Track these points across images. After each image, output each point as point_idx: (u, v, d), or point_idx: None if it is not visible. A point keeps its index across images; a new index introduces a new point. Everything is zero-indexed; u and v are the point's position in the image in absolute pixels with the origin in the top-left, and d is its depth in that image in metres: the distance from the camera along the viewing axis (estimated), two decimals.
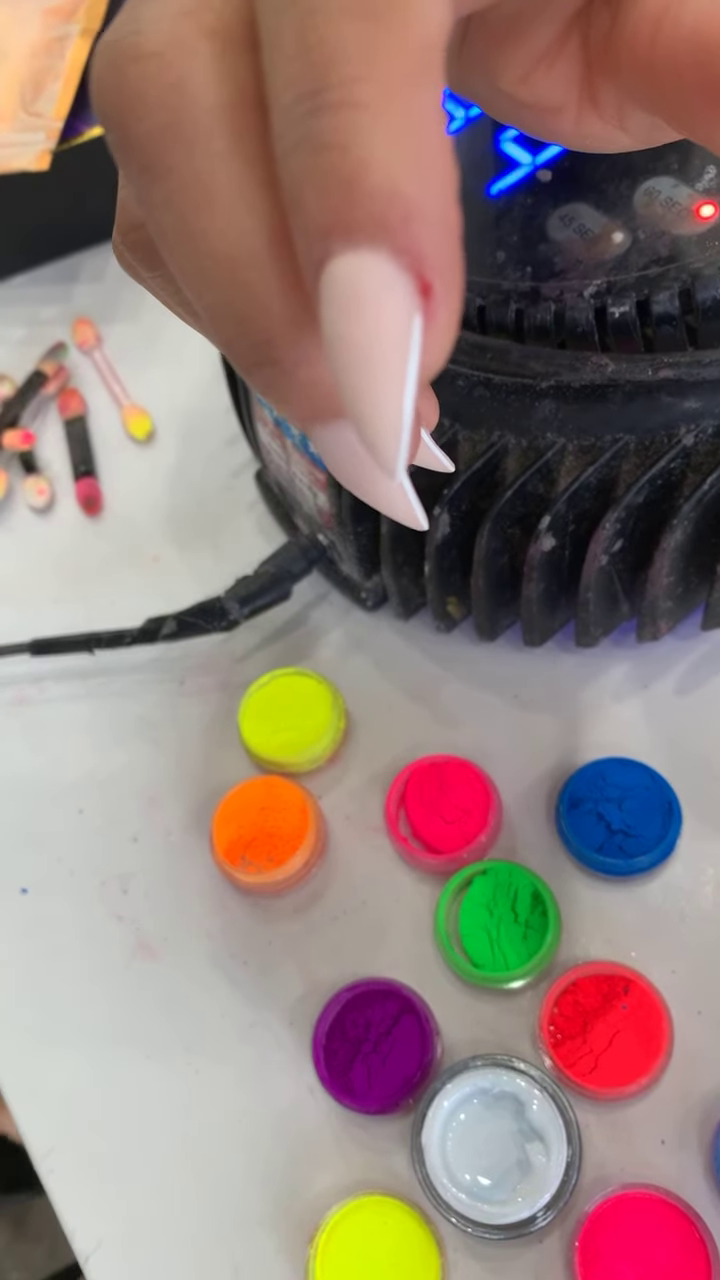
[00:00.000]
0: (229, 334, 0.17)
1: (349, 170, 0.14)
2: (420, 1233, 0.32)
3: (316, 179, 0.14)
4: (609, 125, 0.21)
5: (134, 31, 0.16)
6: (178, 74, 0.16)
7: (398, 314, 0.15)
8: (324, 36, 0.14)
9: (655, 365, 0.31)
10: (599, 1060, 0.33)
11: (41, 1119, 0.36)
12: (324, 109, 0.14)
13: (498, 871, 0.36)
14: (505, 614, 0.40)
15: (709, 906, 0.36)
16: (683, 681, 0.40)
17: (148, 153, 0.16)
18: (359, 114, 0.14)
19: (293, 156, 0.14)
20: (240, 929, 0.38)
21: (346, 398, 0.16)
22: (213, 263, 0.16)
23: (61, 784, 0.42)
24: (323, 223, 0.14)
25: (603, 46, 0.20)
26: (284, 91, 0.14)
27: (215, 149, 0.16)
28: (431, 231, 0.14)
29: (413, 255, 0.14)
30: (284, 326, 0.16)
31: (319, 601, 0.45)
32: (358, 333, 0.15)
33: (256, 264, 0.16)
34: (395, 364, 0.15)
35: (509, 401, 0.33)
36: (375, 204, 0.14)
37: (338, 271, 0.14)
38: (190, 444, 0.51)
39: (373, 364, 0.15)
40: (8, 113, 0.54)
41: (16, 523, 0.50)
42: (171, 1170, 0.35)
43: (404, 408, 0.15)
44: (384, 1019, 0.35)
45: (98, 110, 0.16)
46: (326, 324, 0.15)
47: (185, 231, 0.16)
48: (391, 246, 0.14)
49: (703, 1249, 0.30)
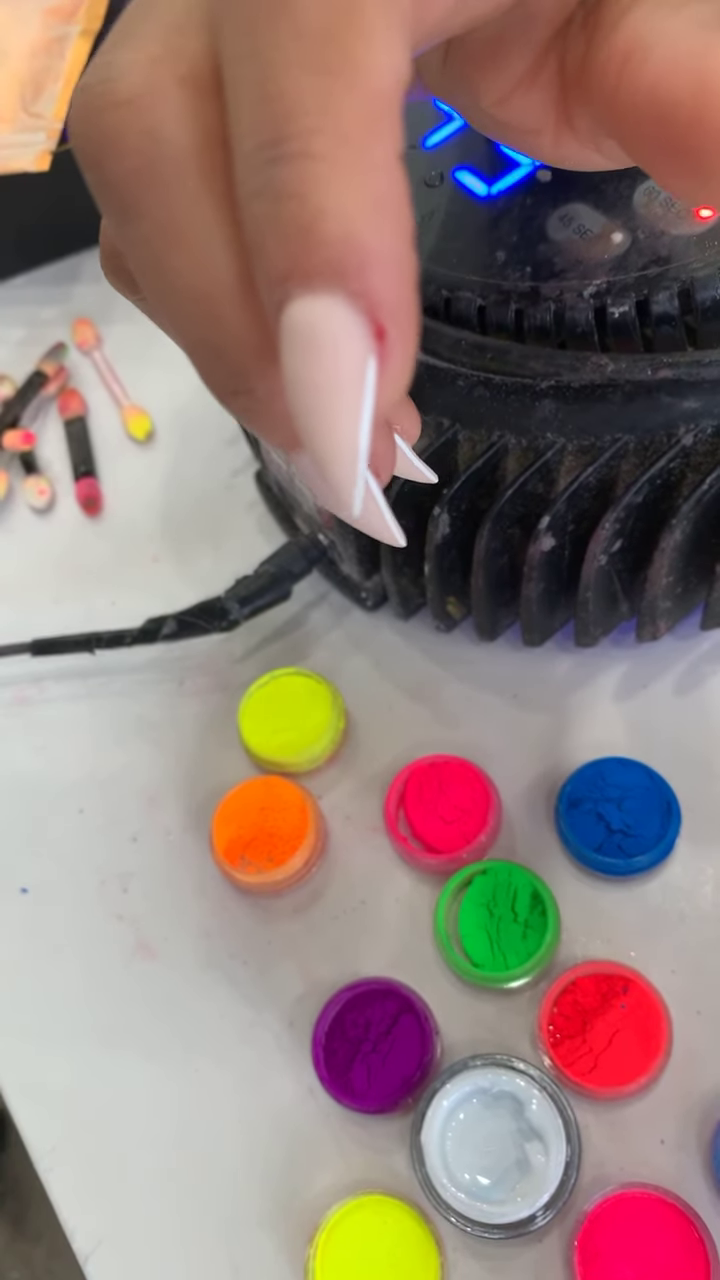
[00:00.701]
0: (205, 364, 0.18)
1: (307, 218, 0.14)
2: (420, 1232, 0.32)
3: (276, 226, 0.15)
4: (585, 147, 0.22)
5: (108, 79, 0.16)
6: (151, 121, 0.16)
7: (352, 357, 0.15)
8: (283, 89, 0.15)
9: (654, 365, 0.31)
10: (598, 1060, 0.33)
11: (41, 1119, 0.36)
12: (283, 159, 0.15)
13: (497, 871, 0.36)
14: (505, 614, 0.40)
15: (708, 906, 0.36)
16: (682, 681, 0.40)
17: (123, 194, 0.17)
18: (316, 164, 0.14)
19: (254, 203, 0.15)
20: (240, 929, 0.38)
21: (304, 436, 0.16)
22: (186, 299, 0.17)
23: (61, 784, 0.42)
24: (282, 267, 0.15)
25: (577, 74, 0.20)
26: (245, 139, 0.15)
27: (187, 191, 0.16)
28: (386, 277, 0.15)
29: (367, 300, 0.15)
30: (256, 360, 0.17)
31: (319, 601, 0.45)
32: (314, 374, 0.15)
33: (228, 300, 0.17)
34: (350, 405, 0.16)
35: (509, 401, 0.33)
36: (331, 251, 0.14)
37: (296, 315, 0.15)
38: (190, 444, 0.51)
39: (328, 405, 0.16)
40: (8, 113, 0.54)
41: (17, 523, 0.50)
42: (171, 1170, 0.35)
43: (358, 447, 0.16)
44: (383, 1019, 0.35)
45: (76, 152, 0.17)
46: (286, 365, 0.16)
47: (159, 269, 0.17)
48: (346, 291, 0.15)
49: (702, 1248, 0.30)
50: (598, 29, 0.19)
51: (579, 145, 0.22)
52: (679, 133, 0.17)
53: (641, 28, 0.18)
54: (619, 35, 0.18)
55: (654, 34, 0.18)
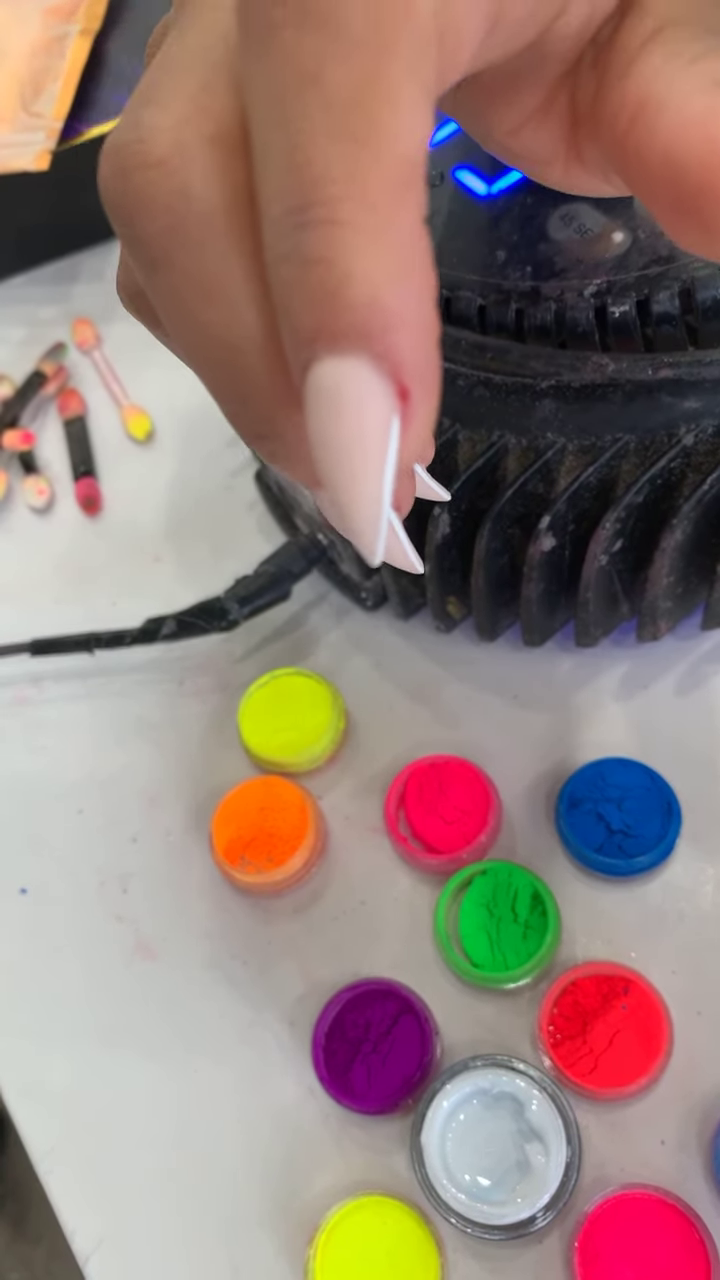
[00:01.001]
0: (233, 409, 0.18)
1: (333, 283, 0.15)
2: (420, 1233, 0.32)
3: (303, 289, 0.15)
4: (594, 178, 0.22)
5: (138, 140, 0.17)
6: (181, 181, 0.17)
7: (376, 417, 0.16)
8: (310, 157, 0.15)
9: (655, 365, 0.31)
10: (599, 1060, 0.33)
11: (41, 1119, 0.36)
12: (310, 225, 0.15)
13: (497, 871, 0.36)
14: (505, 614, 0.40)
15: (709, 906, 0.36)
16: (682, 681, 0.40)
17: (154, 250, 0.17)
18: (342, 231, 0.15)
19: (282, 266, 0.15)
20: (240, 929, 0.38)
21: (328, 490, 0.17)
22: (214, 349, 0.17)
23: (61, 784, 0.42)
24: (309, 329, 0.15)
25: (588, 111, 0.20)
26: (273, 204, 0.15)
27: (216, 249, 0.17)
28: (410, 340, 0.15)
29: (392, 362, 0.15)
30: (282, 409, 0.17)
31: (319, 601, 0.45)
32: (339, 433, 0.16)
33: (254, 352, 0.17)
34: (373, 463, 0.16)
35: (509, 401, 0.33)
36: (357, 315, 0.15)
37: (321, 375, 0.15)
38: (190, 444, 0.51)
39: (352, 463, 0.16)
40: (7, 113, 0.54)
41: (16, 523, 0.50)
42: (171, 1171, 0.35)
43: (382, 501, 0.16)
44: (383, 1019, 0.35)
45: (108, 210, 0.18)
46: (311, 423, 0.16)
47: (188, 321, 0.17)
48: (371, 354, 0.15)
49: (702, 1249, 0.30)
50: (608, 71, 0.19)
51: (588, 175, 0.22)
52: (689, 194, 0.17)
53: (653, 82, 0.18)
54: (630, 84, 0.18)
55: (666, 91, 0.17)
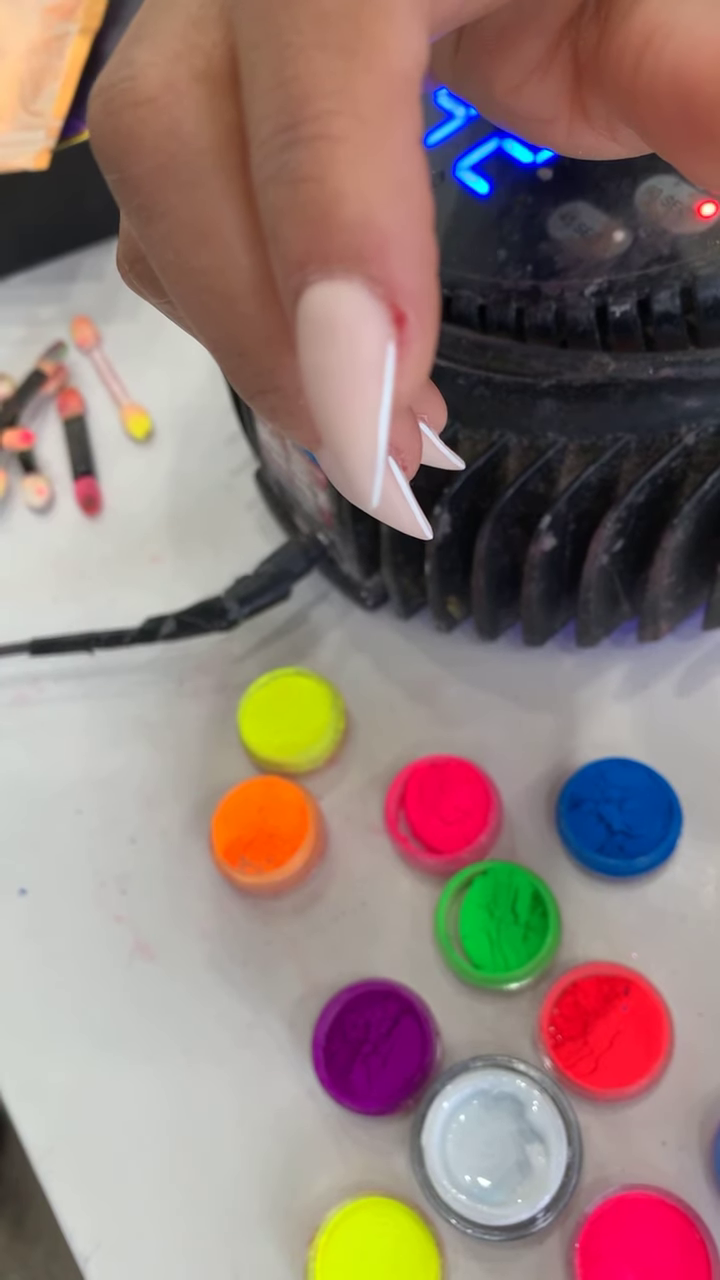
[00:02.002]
0: (231, 363, 0.18)
1: (324, 201, 0.14)
2: (420, 1234, 0.32)
3: (293, 210, 0.14)
4: (600, 136, 0.22)
5: (128, 77, 0.16)
6: (171, 119, 0.16)
7: (371, 344, 0.15)
8: (299, 71, 0.14)
9: (656, 364, 0.31)
10: (599, 1061, 0.33)
11: (41, 1119, 0.36)
12: (300, 142, 0.14)
13: (498, 872, 0.36)
14: (506, 614, 0.40)
15: (710, 907, 0.36)
16: (683, 682, 0.40)
17: (144, 193, 0.16)
18: (334, 146, 0.14)
19: (270, 188, 0.15)
20: (239, 930, 0.38)
21: (322, 427, 0.16)
22: (211, 297, 0.17)
23: (60, 784, 0.42)
24: (299, 253, 0.15)
25: (591, 61, 0.20)
26: (261, 125, 0.15)
27: (208, 190, 0.16)
28: (406, 262, 0.15)
29: (387, 285, 0.15)
30: (281, 358, 0.17)
31: (319, 601, 0.45)
32: (332, 362, 0.15)
33: (253, 297, 0.16)
34: (369, 393, 0.15)
35: (510, 400, 0.33)
36: (350, 235, 0.14)
37: (313, 301, 0.15)
38: (190, 443, 0.51)
39: (345, 393, 0.15)
40: (7, 111, 0.54)
41: (16, 523, 0.50)
42: (171, 1171, 0.35)
43: (378, 436, 0.16)
44: (384, 1020, 0.35)
45: (96, 152, 0.17)
46: (302, 353, 0.15)
47: (183, 269, 0.17)
48: (365, 276, 0.14)
49: (703, 1250, 0.30)
50: (611, 14, 0.19)
51: (594, 133, 0.21)
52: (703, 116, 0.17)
53: (659, 13, 0.18)
54: (635, 21, 0.18)
55: (673, 18, 0.17)
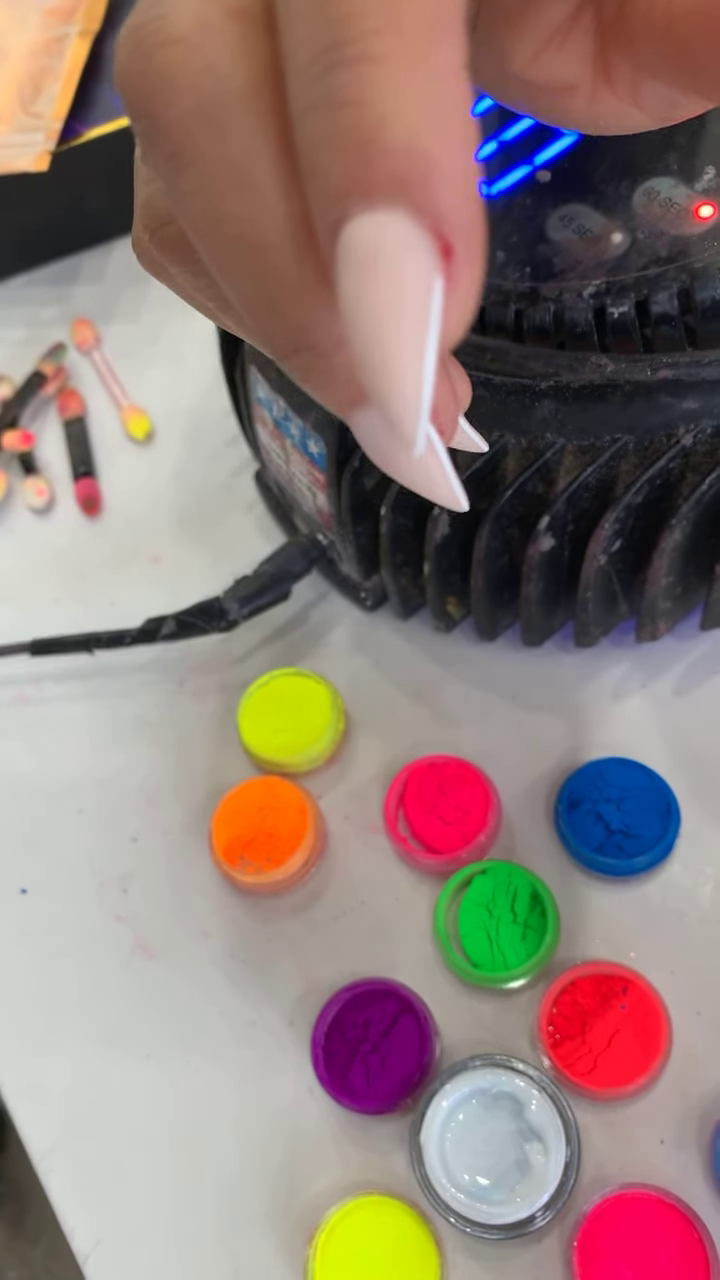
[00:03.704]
0: (264, 321, 0.17)
1: (367, 127, 0.13)
2: (419, 1233, 0.32)
3: (333, 138, 0.14)
4: (623, 102, 0.21)
5: (159, 16, 0.15)
6: (206, 57, 0.15)
7: (418, 277, 0.14)
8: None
9: (654, 365, 0.31)
10: (598, 1060, 0.33)
11: (41, 1117, 0.36)
12: (341, 64, 0.13)
13: (497, 871, 0.36)
14: (504, 614, 0.40)
15: (708, 906, 0.36)
16: (682, 681, 0.40)
17: (176, 138, 0.16)
18: (377, 68, 0.13)
19: (309, 117, 0.14)
20: (239, 929, 0.38)
21: (364, 370, 0.15)
22: (246, 248, 0.16)
23: (61, 784, 0.42)
24: (339, 183, 0.14)
25: (616, 17, 0.19)
26: (300, 51, 0.14)
27: (245, 130, 0.15)
28: (453, 190, 0.14)
29: (433, 215, 0.14)
30: (320, 310, 0.16)
31: (319, 601, 0.45)
32: (375, 298, 0.14)
33: (289, 246, 0.16)
34: (415, 330, 0.14)
35: (508, 402, 0.33)
36: (393, 161, 0.13)
37: (354, 233, 0.14)
38: (189, 444, 0.51)
39: (391, 331, 0.14)
40: (7, 113, 0.54)
41: (16, 523, 0.50)
42: (171, 1170, 0.35)
43: (424, 378, 0.15)
44: (383, 1019, 0.35)
45: (123, 96, 0.16)
46: (343, 291, 0.14)
47: (216, 217, 0.16)
48: (410, 205, 0.14)
49: (701, 1249, 0.30)
50: None
51: (617, 100, 0.21)
52: None
53: None
54: None
55: None
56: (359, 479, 0.37)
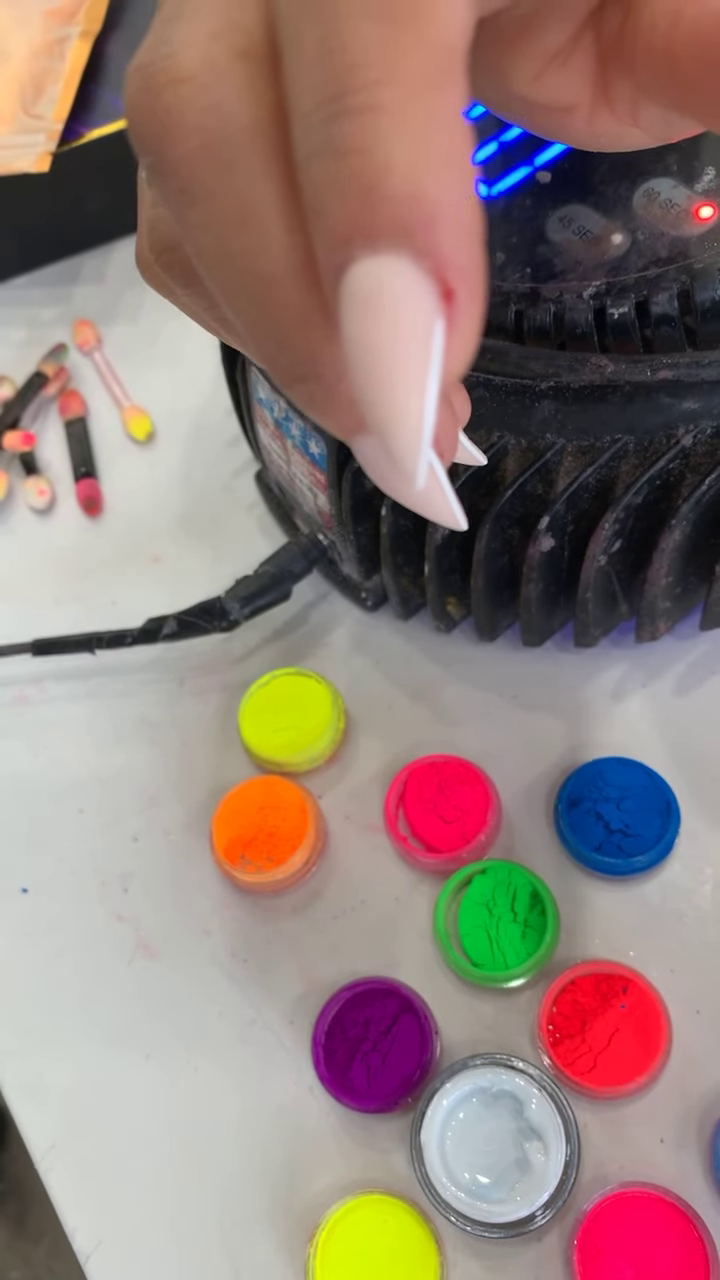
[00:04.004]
0: (269, 351, 0.17)
1: (370, 174, 0.14)
2: (419, 1231, 0.32)
3: (337, 184, 0.14)
4: (622, 122, 0.21)
5: (168, 55, 0.16)
6: (213, 97, 0.16)
7: (419, 319, 0.15)
8: (344, 41, 0.14)
9: (654, 366, 0.31)
10: (598, 1059, 0.33)
11: (43, 1117, 0.36)
12: (344, 114, 0.14)
13: (497, 871, 0.36)
14: (505, 614, 0.40)
15: (708, 906, 0.36)
16: (681, 681, 0.40)
17: (184, 175, 0.16)
18: (380, 117, 0.14)
19: (314, 162, 0.14)
20: (240, 928, 0.38)
21: (366, 406, 0.15)
22: (253, 281, 0.16)
23: (61, 784, 0.42)
24: (343, 227, 0.14)
25: (616, 41, 0.19)
26: (304, 98, 0.14)
27: (252, 169, 0.16)
28: (454, 235, 0.14)
29: (435, 259, 0.14)
30: (324, 342, 0.16)
31: (319, 601, 0.45)
32: (378, 338, 0.15)
33: (294, 280, 0.16)
34: (416, 371, 0.15)
35: (508, 402, 0.33)
36: (397, 208, 0.14)
37: (359, 276, 0.14)
38: (190, 445, 0.51)
39: (393, 371, 0.15)
40: (8, 114, 0.54)
41: (17, 523, 0.50)
42: (171, 1169, 0.35)
43: (425, 416, 0.15)
44: (383, 1018, 0.35)
45: (133, 134, 0.16)
46: (346, 330, 0.15)
47: (224, 252, 0.16)
48: (413, 250, 0.14)
49: (701, 1248, 0.30)
50: None
51: (615, 120, 0.21)
52: None
53: None
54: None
55: None
56: (360, 479, 0.37)
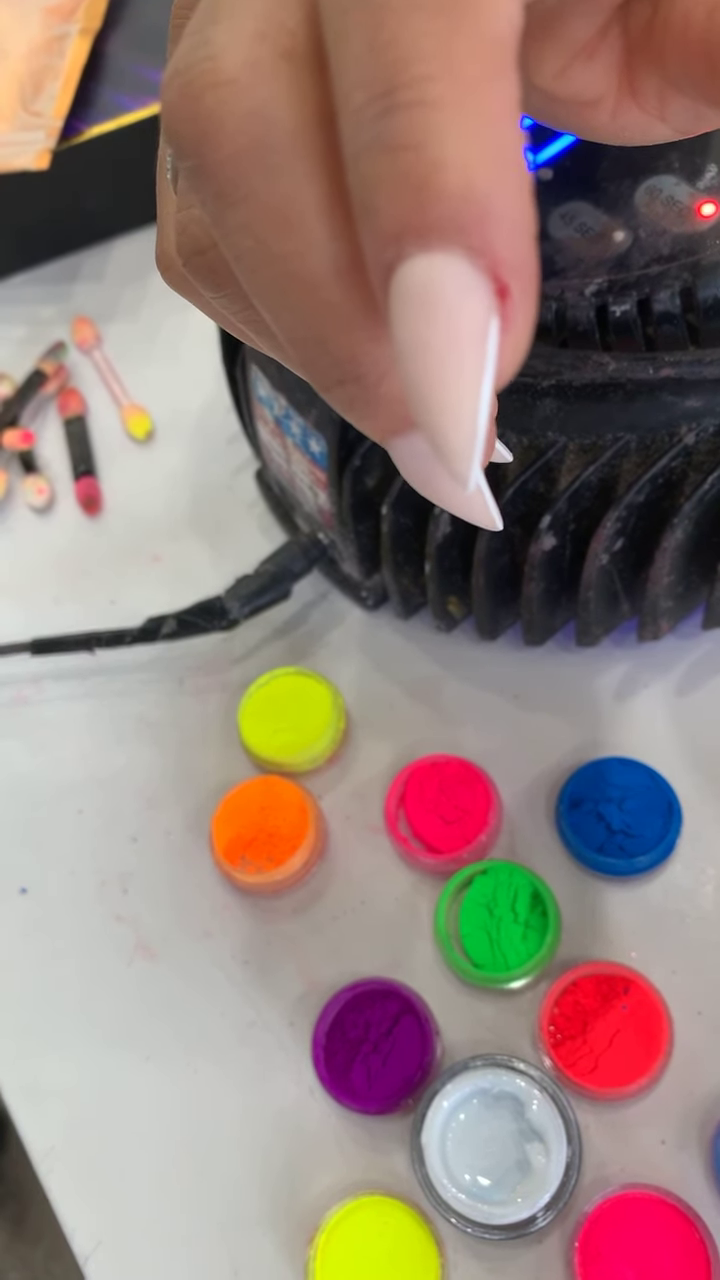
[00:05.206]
0: (310, 354, 0.17)
1: (423, 170, 0.14)
2: (420, 1233, 0.32)
3: (389, 180, 0.14)
4: (648, 115, 0.21)
5: (208, 57, 0.16)
6: (257, 100, 0.15)
7: (474, 318, 0.14)
8: (395, 35, 0.14)
9: (656, 364, 0.31)
10: (599, 1060, 0.33)
11: (41, 1119, 0.36)
12: (396, 109, 0.14)
13: (498, 871, 0.36)
14: (506, 613, 0.40)
15: (709, 906, 0.36)
16: (683, 681, 0.40)
17: (225, 178, 0.16)
18: (433, 113, 0.14)
19: (363, 159, 0.14)
20: (240, 929, 0.38)
21: (418, 409, 0.15)
22: (295, 284, 0.16)
23: (61, 784, 0.42)
24: (395, 225, 0.14)
25: (644, 34, 0.19)
26: (353, 94, 0.14)
27: (295, 172, 0.15)
28: (508, 232, 0.14)
29: (489, 257, 0.14)
30: (367, 344, 0.16)
31: (319, 601, 0.45)
32: (432, 338, 0.14)
33: (337, 282, 0.16)
34: (471, 370, 0.15)
35: (510, 400, 0.33)
36: (451, 205, 0.14)
37: (411, 275, 0.14)
38: (190, 443, 0.51)
39: (448, 371, 0.15)
40: (7, 112, 0.54)
41: (16, 522, 0.50)
42: (171, 1170, 0.35)
43: (479, 416, 0.15)
44: (384, 1019, 0.35)
45: (171, 138, 0.16)
46: (398, 330, 0.15)
47: (266, 255, 0.16)
48: (467, 248, 0.14)
49: (702, 1249, 0.30)
50: None
51: (641, 113, 0.21)
52: None
53: None
54: None
55: None
56: (360, 478, 0.37)
